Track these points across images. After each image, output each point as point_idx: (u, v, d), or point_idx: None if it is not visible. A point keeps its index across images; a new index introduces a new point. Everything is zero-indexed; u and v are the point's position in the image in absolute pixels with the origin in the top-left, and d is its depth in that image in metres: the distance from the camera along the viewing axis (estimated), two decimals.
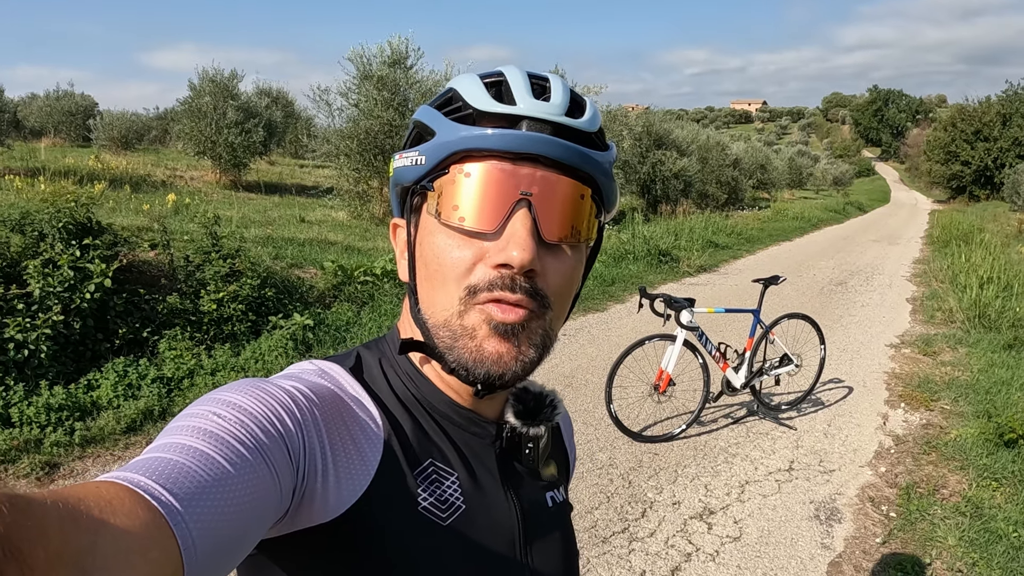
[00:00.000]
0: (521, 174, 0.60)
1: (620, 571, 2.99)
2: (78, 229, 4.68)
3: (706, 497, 3.71)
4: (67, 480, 3.41)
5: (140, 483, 0.43)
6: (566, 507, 0.79)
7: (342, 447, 0.60)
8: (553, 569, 0.73)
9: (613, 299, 8.31)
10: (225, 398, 0.54)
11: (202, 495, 0.45)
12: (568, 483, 0.83)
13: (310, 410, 0.58)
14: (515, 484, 0.71)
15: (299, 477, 0.55)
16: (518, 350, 0.61)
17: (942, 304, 8.80)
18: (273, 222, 9.47)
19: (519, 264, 0.58)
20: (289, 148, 21.82)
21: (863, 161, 75.35)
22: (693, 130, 21.11)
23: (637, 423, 4.43)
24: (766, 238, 16.05)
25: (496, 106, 0.61)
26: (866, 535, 3.40)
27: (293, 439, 0.55)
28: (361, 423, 0.62)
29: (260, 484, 0.50)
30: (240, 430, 0.51)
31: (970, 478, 3.96)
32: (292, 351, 5.01)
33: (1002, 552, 3.16)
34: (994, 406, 4.96)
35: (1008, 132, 40.58)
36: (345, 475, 0.59)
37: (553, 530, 0.74)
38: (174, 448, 0.48)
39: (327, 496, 0.57)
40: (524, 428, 0.71)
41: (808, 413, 5.02)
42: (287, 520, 0.56)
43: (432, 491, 0.64)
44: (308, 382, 0.62)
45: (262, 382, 0.58)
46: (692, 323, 4.27)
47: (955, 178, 42.59)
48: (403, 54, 11.21)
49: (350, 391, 0.65)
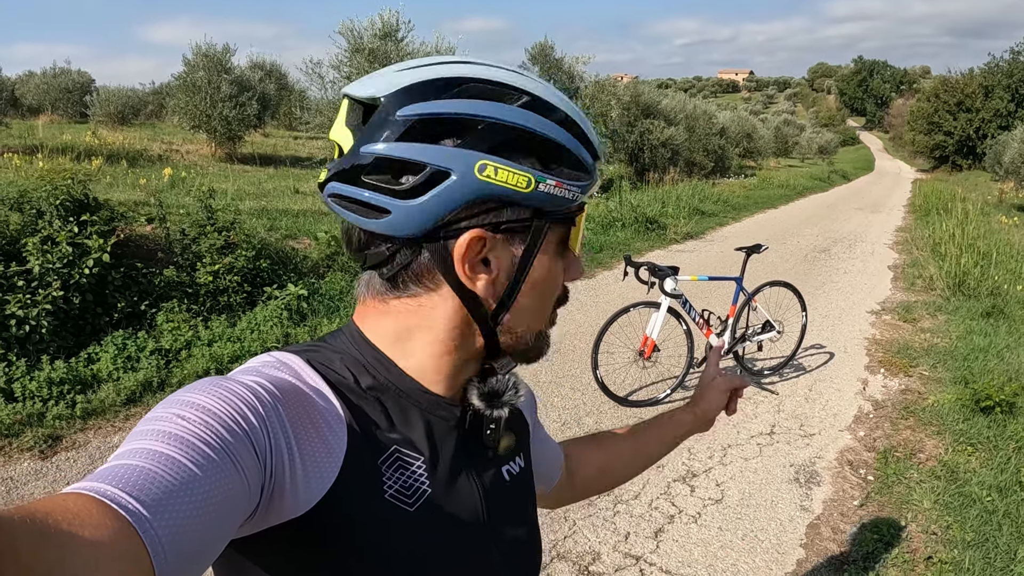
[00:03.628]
0: None
1: (605, 533, 3.04)
2: (76, 206, 4.73)
3: (689, 460, 3.76)
4: (70, 452, 3.43)
5: (107, 492, 0.43)
6: (524, 474, 0.81)
7: (307, 441, 0.59)
8: (515, 539, 0.76)
9: (601, 266, 8.32)
10: (188, 399, 0.54)
11: (169, 500, 0.45)
12: (528, 448, 0.85)
13: (273, 406, 0.57)
14: (476, 464, 0.72)
15: (267, 474, 0.55)
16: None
17: (923, 272, 8.90)
18: (268, 194, 9.49)
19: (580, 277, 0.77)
20: (283, 120, 22.01)
21: (848, 130, 75.53)
22: (680, 99, 20.95)
23: (623, 388, 4.46)
24: (752, 206, 16.11)
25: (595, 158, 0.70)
26: (844, 498, 3.48)
27: (259, 436, 0.55)
28: (324, 414, 0.62)
29: (228, 484, 0.50)
30: (205, 431, 0.51)
31: (946, 443, 4.04)
32: (287, 321, 5.07)
33: (976, 515, 3.24)
34: (971, 373, 5.06)
35: (990, 104, 40.87)
36: (312, 468, 0.58)
37: (513, 502, 0.77)
38: (139, 454, 0.48)
39: (296, 491, 0.57)
40: (488, 410, 0.71)
41: (790, 378, 5.09)
42: (258, 517, 0.56)
43: (397, 478, 0.64)
44: (268, 376, 0.61)
45: (224, 380, 0.58)
46: (676, 291, 4.29)
47: (938, 148, 42.90)
48: (394, 27, 11.23)
49: (310, 382, 0.64)
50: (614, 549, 2.93)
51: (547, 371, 4.82)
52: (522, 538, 0.78)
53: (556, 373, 4.81)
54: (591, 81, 15.96)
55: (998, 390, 4.35)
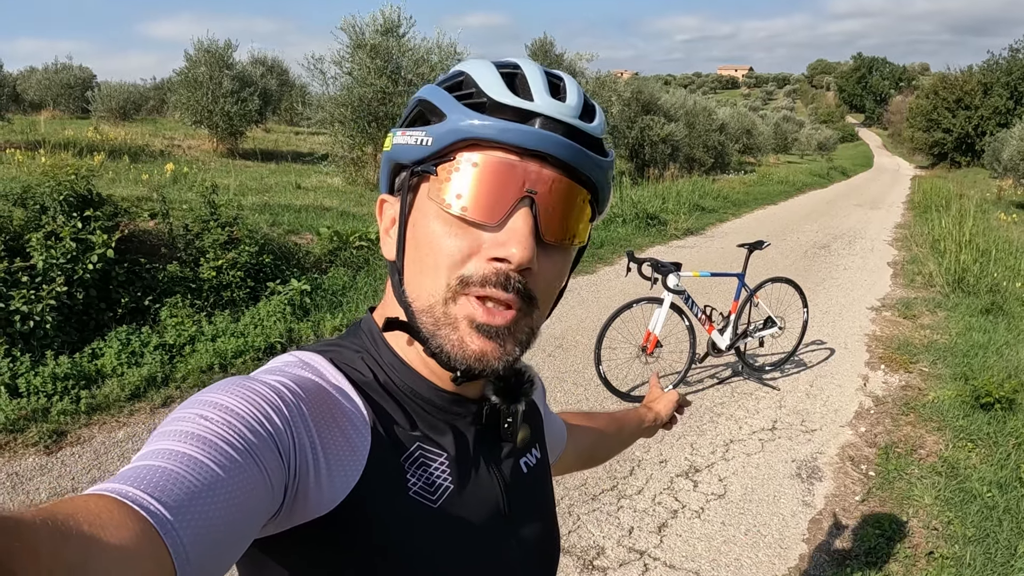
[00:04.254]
0: (528, 171, 0.60)
1: (609, 528, 3.06)
2: (79, 201, 4.73)
3: (692, 455, 3.78)
4: (75, 448, 3.43)
5: (129, 494, 0.43)
6: (541, 466, 0.81)
7: (331, 440, 0.59)
8: (534, 531, 0.76)
9: (602, 262, 8.34)
10: (212, 399, 0.54)
11: (192, 502, 0.45)
12: (543, 439, 0.85)
13: (297, 405, 0.57)
14: (496, 457, 0.72)
15: (290, 474, 0.55)
16: (503, 349, 0.62)
17: (922, 268, 8.92)
18: (270, 189, 9.53)
19: (518, 262, 0.58)
20: (284, 116, 22.12)
21: (847, 127, 75.43)
22: (680, 96, 20.95)
23: (625, 383, 4.48)
24: (751, 202, 16.12)
25: (512, 99, 0.60)
26: (846, 493, 3.50)
27: (282, 437, 0.54)
28: (348, 413, 0.62)
29: (251, 485, 0.49)
30: (228, 432, 0.51)
31: (947, 439, 4.07)
32: (290, 316, 5.09)
33: (976, 511, 3.26)
34: (971, 369, 5.08)
35: (989, 101, 40.87)
36: (337, 467, 0.58)
37: (531, 494, 0.77)
38: (162, 455, 0.48)
39: (320, 490, 0.57)
40: (504, 405, 0.71)
41: (791, 374, 5.11)
42: (282, 517, 0.56)
43: (420, 475, 0.64)
44: (292, 375, 0.61)
45: (247, 380, 0.58)
46: (678, 287, 4.30)
47: (937, 145, 42.89)
48: (395, 23, 11.30)
49: (333, 381, 0.64)
50: (618, 544, 2.95)
51: (549, 367, 4.84)
52: (541, 529, 0.78)
53: (559, 368, 4.83)
54: (592, 78, 15.94)
55: (998, 387, 4.38)
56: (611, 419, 1.20)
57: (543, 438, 0.85)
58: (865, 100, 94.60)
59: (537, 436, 0.83)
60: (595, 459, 1.19)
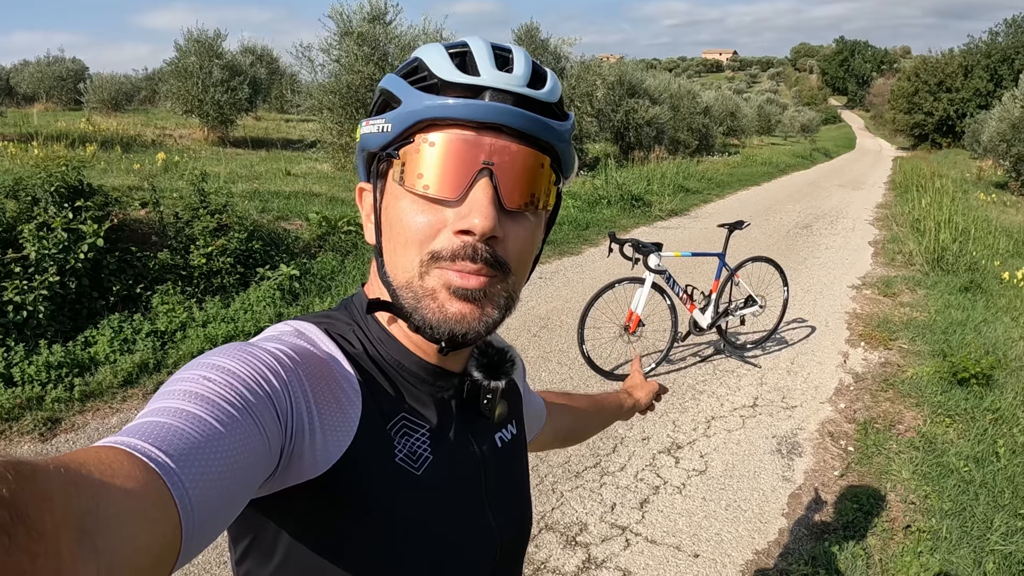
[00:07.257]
0: (483, 144, 0.62)
1: (592, 504, 3.07)
2: (70, 192, 4.75)
3: (674, 432, 3.80)
4: (69, 434, 3.42)
5: (136, 446, 0.45)
6: (516, 441, 0.84)
7: (326, 405, 0.61)
8: (508, 502, 0.80)
9: (587, 243, 8.33)
10: (213, 362, 0.56)
11: (195, 454, 0.47)
12: (521, 416, 0.88)
13: (294, 370, 0.60)
14: (474, 431, 0.75)
15: (287, 436, 0.57)
16: (481, 311, 0.64)
17: (902, 247, 9.00)
18: (260, 176, 9.53)
19: (480, 231, 0.61)
20: (274, 104, 22.37)
21: (830, 109, 75.77)
22: (665, 79, 20.88)
23: (608, 362, 4.49)
24: (735, 183, 16.16)
25: (460, 76, 0.63)
26: (825, 468, 3.54)
27: (280, 399, 0.57)
28: (340, 381, 0.64)
29: (250, 443, 0.51)
30: (229, 392, 0.53)
31: (925, 415, 4.12)
32: (280, 301, 5.11)
33: (953, 485, 3.31)
34: (949, 346, 5.14)
35: (969, 83, 41.25)
36: (331, 432, 0.60)
37: (507, 467, 0.80)
38: (166, 412, 0.49)
39: (314, 453, 0.59)
40: (486, 381, 0.74)
41: (772, 352, 5.15)
42: (277, 477, 0.58)
43: (405, 443, 0.67)
44: (288, 343, 0.64)
45: (247, 346, 0.60)
46: (660, 266, 4.31)
47: (918, 127, 43.26)
48: (382, 10, 11.34)
49: (326, 350, 0.67)
50: (600, 520, 2.96)
51: (535, 346, 4.84)
52: (514, 501, 0.82)
53: (543, 348, 4.83)
54: (577, 62, 15.86)
55: (975, 363, 4.43)
56: (591, 401, 1.24)
57: (521, 415, 0.88)
58: (848, 83, 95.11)
59: (515, 413, 0.86)
60: (573, 438, 1.22)
